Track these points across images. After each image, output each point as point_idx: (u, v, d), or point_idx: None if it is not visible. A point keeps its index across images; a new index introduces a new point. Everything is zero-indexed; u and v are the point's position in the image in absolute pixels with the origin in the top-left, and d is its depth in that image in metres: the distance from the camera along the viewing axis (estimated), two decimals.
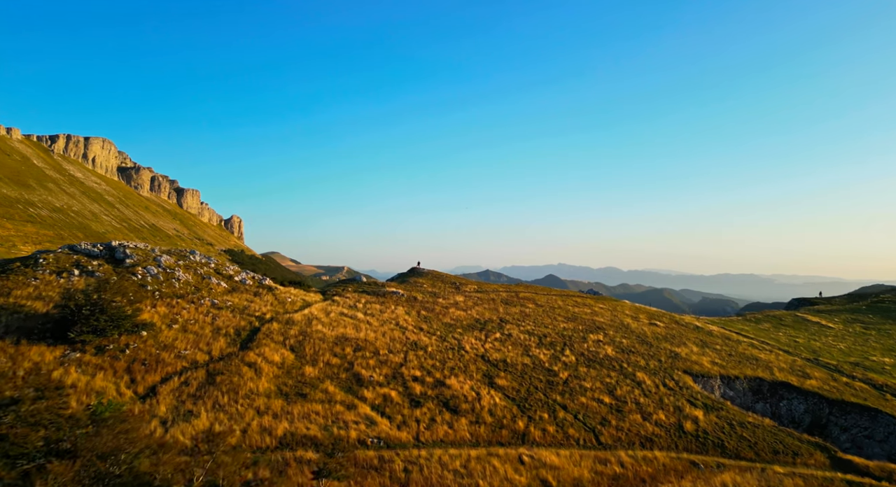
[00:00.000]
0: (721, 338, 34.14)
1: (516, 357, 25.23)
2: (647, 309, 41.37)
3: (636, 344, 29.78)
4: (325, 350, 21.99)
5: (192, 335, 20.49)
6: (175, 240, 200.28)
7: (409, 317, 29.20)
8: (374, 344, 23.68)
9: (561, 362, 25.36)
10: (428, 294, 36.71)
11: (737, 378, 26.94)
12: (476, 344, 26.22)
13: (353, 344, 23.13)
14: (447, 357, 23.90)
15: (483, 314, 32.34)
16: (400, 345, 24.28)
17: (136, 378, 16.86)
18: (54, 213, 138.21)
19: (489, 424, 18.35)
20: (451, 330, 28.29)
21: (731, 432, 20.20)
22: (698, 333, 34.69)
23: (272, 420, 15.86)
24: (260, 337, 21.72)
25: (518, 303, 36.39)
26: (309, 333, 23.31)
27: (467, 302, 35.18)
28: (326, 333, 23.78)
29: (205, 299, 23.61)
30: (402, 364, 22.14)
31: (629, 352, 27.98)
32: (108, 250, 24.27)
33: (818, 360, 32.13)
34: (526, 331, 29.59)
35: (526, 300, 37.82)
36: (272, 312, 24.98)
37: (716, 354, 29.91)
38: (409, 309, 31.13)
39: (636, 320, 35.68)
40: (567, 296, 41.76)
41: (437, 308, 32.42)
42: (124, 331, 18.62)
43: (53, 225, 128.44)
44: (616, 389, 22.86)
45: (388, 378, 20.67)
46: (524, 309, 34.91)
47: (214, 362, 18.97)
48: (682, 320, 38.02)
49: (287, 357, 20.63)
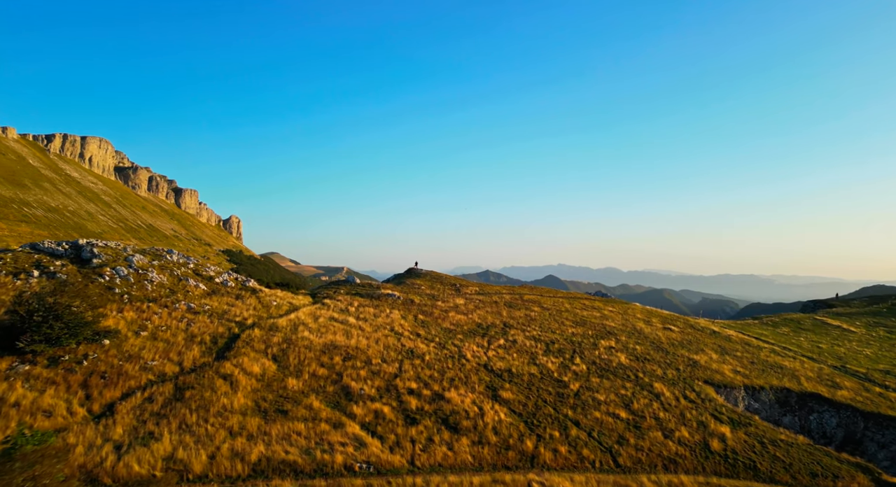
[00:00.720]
0: (741, 344, 32.38)
1: (522, 366, 23.48)
2: (659, 312, 39.61)
3: (651, 350, 28.03)
4: (311, 359, 20.24)
5: (161, 343, 18.73)
6: (172, 240, 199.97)
7: (406, 322, 27.45)
8: (367, 353, 21.93)
9: (571, 371, 23.61)
10: (426, 296, 34.97)
11: (762, 388, 25.18)
12: (478, 352, 24.47)
13: (342, 353, 21.38)
14: (446, 366, 22.15)
15: (485, 318, 30.58)
16: (394, 354, 22.53)
17: (93, 393, 15.11)
18: (49, 213, 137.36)
19: (494, 444, 16.59)
20: (451, 336, 26.55)
21: (763, 451, 18.44)
22: (716, 338, 32.92)
23: (246, 443, 14.10)
24: (239, 346, 19.97)
25: (523, 306, 34.62)
26: (294, 341, 21.55)
27: (468, 305, 33.43)
28: (313, 340, 22.03)
29: (180, 303, 21.85)
30: (396, 374, 20.39)
31: (644, 360, 26.23)
32: (75, 249, 22.52)
33: (846, 368, 30.39)
34: (532, 337, 27.84)
35: (531, 303, 36.05)
36: (254, 317, 23.22)
37: (737, 362, 28.14)
38: (405, 313, 29.38)
39: (649, 324, 33.92)
40: (574, 299, 39.99)
41: (435, 311, 30.66)
42: (83, 340, 16.88)
43: (48, 225, 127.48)
44: (633, 402, 21.10)
45: (381, 391, 18.92)
46: (529, 312, 33.15)
47: (185, 374, 17.21)
48: (697, 324, 36.25)
49: (268, 367, 18.88)
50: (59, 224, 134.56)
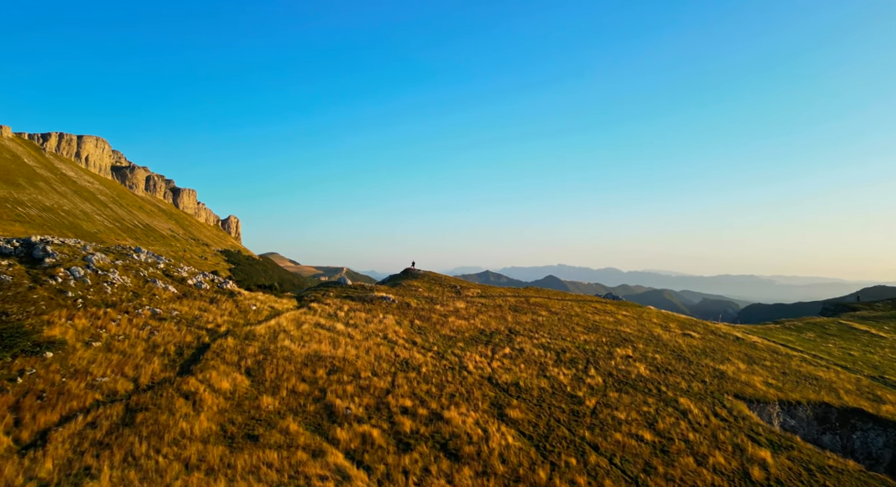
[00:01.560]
0: (768, 352, 30.22)
1: (531, 379, 21.33)
2: (676, 316, 37.44)
3: (672, 360, 25.88)
4: (290, 373, 18.08)
5: (116, 356, 16.57)
6: (169, 240, 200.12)
7: (401, 328, 25.30)
8: (355, 365, 19.77)
9: (586, 385, 21.46)
10: (423, 299, 32.81)
11: (798, 403, 23.03)
12: (481, 363, 22.32)
13: (327, 365, 19.23)
14: (446, 379, 20.00)
15: (489, 324, 28.42)
16: (387, 365, 20.37)
17: (24, 418, 12.94)
18: (44, 213, 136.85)
19: (501, 475, 14.44)
20: (451, 344, 24.40)
21: (812, 481, 16.30)
22: (740, 346, 30.77)
23: (204, 480, 11.92)
24: (208, 357, 17.82)
25: (529, 310, 32.46)
26: (272, 351, 19.39)
27: (469, 309, 31.26)
28: (295, 351, 19.87)
29: (144, 308, 19.69)
30: (388, 390, 18.24)
31: (666, 371, 24.07)
32: (26, 247, 20.37)
33: (884, 378, 28.24)
34: (541, 345, 25.69)
35: (538, 306, 33.88)
36: (229, 324, 21.06)
37: (767, 372, 25.99)
38: (400, 318, 27.22)
39: (667, 330, 31.76)
40: (585, 302, 37.83)
41: (433, 316, 28.50)
42: (20, 353, 14.73)
43: (42, 224, 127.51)
44: (658, 421, 18.94)
45: (370, 409, 16.77)
46: (536, 317, 30.99)
47: (140, 392, 15.05)
48: (718, 330, 34.09)
49: (240, 383, 16.73)
50: (53, 223, 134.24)
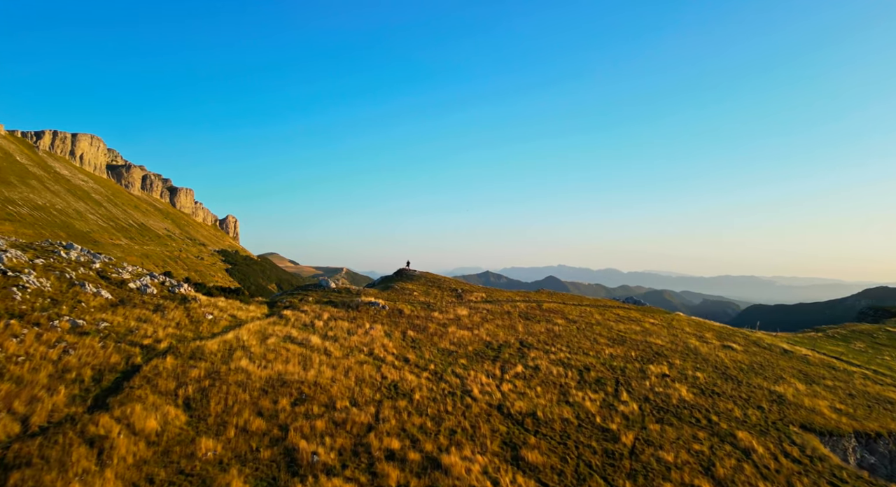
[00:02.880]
0: (824, 368, 26.55)
1: (551, 406, 17.65)
2: (710, 324, 33.76)
3: (718, 379, 22.21)
4: (243, 404, 14.39)
5: (7, 385, 12.87)
6: (165, 239, 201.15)
7: (390, 342, 21.60)
8: (329, 391, 16.09)
9: (619, 414, 17.78)
10: (419, 305, 29.11)
11: (878, 435, 19.35)
12: (489, 386, 18.65)
13: (293, 392, 15.54)
14: (444, 409, 16.33)
15: (496, 335, 24.73)
16: (371, 391, 16.69)
17: None
18: (35, 211, 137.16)
19: None
20: (452, 361, 20.72)
21: None
22: (791, 360, 27.09)
23: None
24: (134, 385, 14.13)
25: (542, 318, 28.76)
26: (223, 374, 15.69)
27: (473, 316, 27.56)
28: (253, 373, 16.18)
29: (62, 319, 16.00)
30: (370, 426, 14.57)
31: (713, 395, 20.40)
32: None
33: None
34: (559, 362, 22.01)
35: (552, 313, 30.20)
36: (173, 339, 17.36)
37: (832, 395, 22.32)
38: (390, 329, 23.54)
39: (703, 341, 28.07)
40: (605, 308, 34.12)
41: (430, 326, 24.82)
42: None
43: (34, 223, 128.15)
44: (715, 464, 15.27)
45: (346, 455, 13.10)
46: (552, 326, 27.30)
47: (27, 439, 11.36)
48: (761, 340, 30.39)
49: (173, 420, 13.03)
50: (45, 222, 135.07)
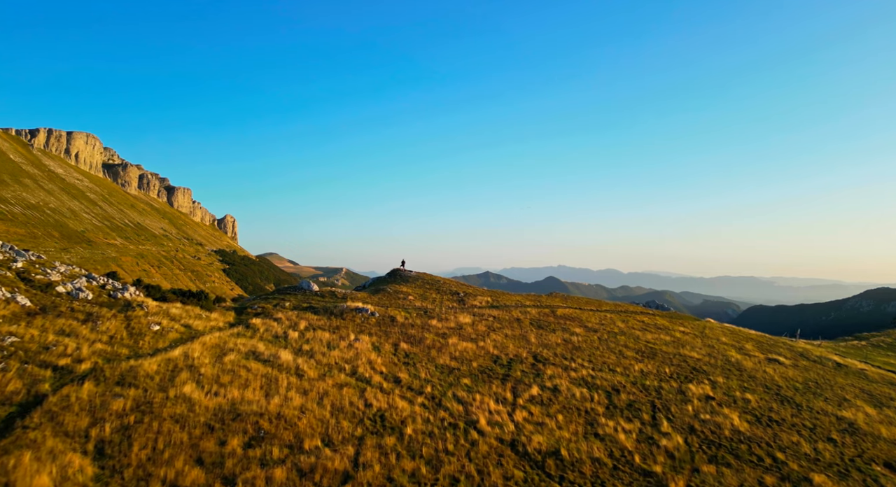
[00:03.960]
0: (887, 385, 23.30)
1: (577, 441, 14.38)
2: (746, 333, 30.46)
3: (773, 403, 18.94)
4: (179, 447, 11.09)
5: None
6: (161, 239, 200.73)
7: (379, 357, 18.30)
8: (296, 426, 12.79)
9: (662, 451, 14.50)
10: (415, 311, 25.80)
11: None
12: (498, 414, 15.38)
13: (248, 428, 12.24)
14: (444, 448, 13.05)
15: (505, 347, 21.43)
16: (350, 424, 13.40)
17: None
18: (28, 210, 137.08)
19: None
20: (453, 381, 17.44)
21: None
22: (847, 376, 23.81)
23: None
24: (31, 423, 10.82)
25: (558, 326, 25.45)
26: (158, 405, 12.39)
27: (478, 325, 24.24)
28: (199, 402, 12.88)
29: None
30: (347, 475, 11.32)
31: (772, 423, 17.13)
32: None
33: None
34: (582, 381, 18.73)
35: (568, 320, 26.88)
36: (100, 357, 14.06)
37: None
38: (380, 341, 20.24)
39: (744, 353, 24.78)
40: (628, 313, 30.80)
41: (427, 337, 21.52)
42: None
43: (26, 222, 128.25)
44: None
45: None
46: (569, 336, 24.00)
47: None
48: (808, 352, 27.07)
49: (75, 475, 9.77)
50: (37, 222, 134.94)
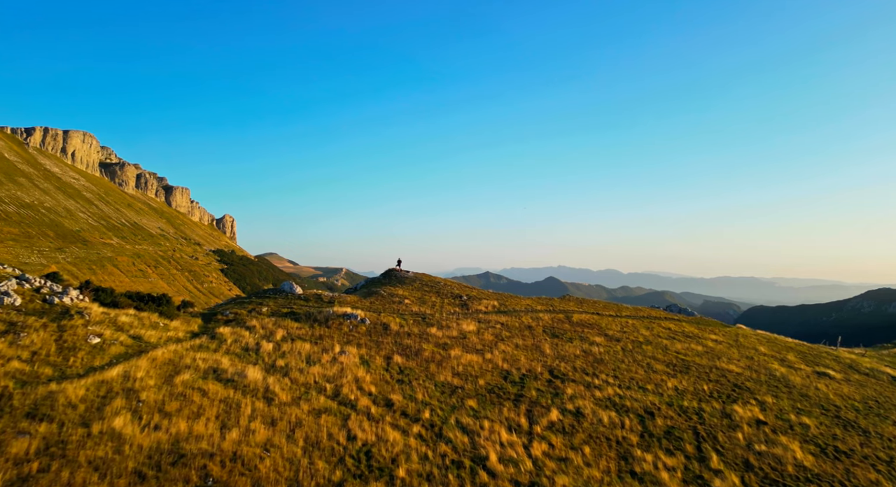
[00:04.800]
0: None
1: (610, 483, 11.65)
2: (783, 340, 27.72)
3: (835, 428, 16.22)
4: None
5: None
6: (158, 239, 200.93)
7: (368, 374, 15.58)
8: (257, 469, 10.07)
9: None
10: (412, 317, 23.06)
11: None
12: (512, 446, 12.66)
13: (192, 474, 9.53)
14: None
15: (517, 360, 18.68)
16: (327, 465, 10.69)
17: None
18: (22, 209, 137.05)
19: None
20: (456, 403, 14.73)
21: None
22: None
23: None
24: None
25: (575, 335, 22.69)
26: (74, 445, 9.67)
27: (484, 333, 21.49)
28: (131, 440, 10.15)
29: None
30: None
31: (838, 454, 14.42)
32: None
33: None
34: (609, 402, 16.00)
35: (586, 327, 24.13)
36: (12, 379, 11.35)
37: None
38: (369, 353, 17.51)
39: (788, 366, 22.04)
40: (650, 319, 28.01)
41: (426, 348, 18.78)
42: None
43: (20, 222, 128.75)
44: None
45: None
46: (589, 346, 21.24)
47: None
48: (857, 364, 24.31)
49: None
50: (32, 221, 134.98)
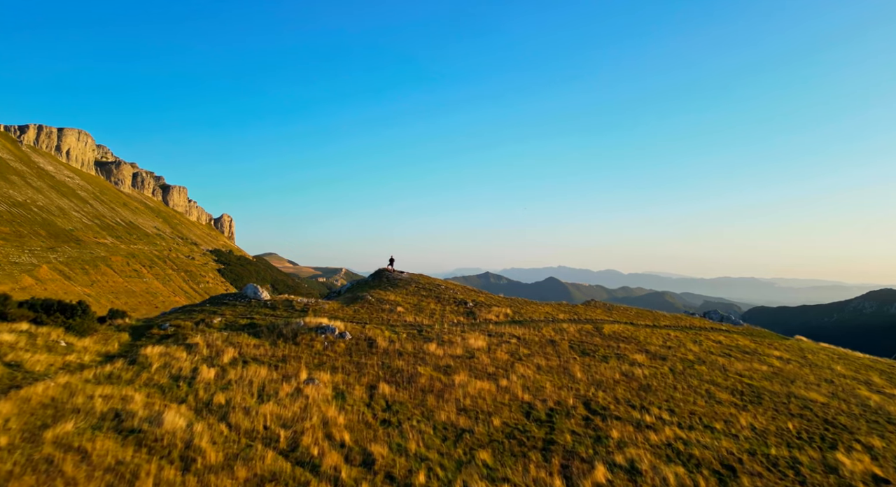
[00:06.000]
0: None
1: None
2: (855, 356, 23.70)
3: None
4: None
5: None
6: (154, 238, 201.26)
7: (342, 413, 11.47)
8: None
9: None
10: (404, 330, 18.94)
11: None
12: None
13: None
14: None
15: (540, 388, 14.53)
16: None
17: None
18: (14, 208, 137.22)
19: None
20: (462, 456, 10.62)
21: None
22: None
23: None
24: None
25: (609, 351, 18.56)
26: None
27: (496, 351, 17.37)
28: None
29: None
30: None
31: None
32: None
33: None
34: (670, 449, 11.89)
35: (621, 341, 20.04)
36: None
37: None
38: (347, 381, 13.41)
39: (876, 389, 17.94)
40: (694, 330, 23.88)
41: (422, 372, 14.65)
42: None
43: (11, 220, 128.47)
44: None
45: None
46: (628, 366, 17.11)
47: None
48: None
49: None
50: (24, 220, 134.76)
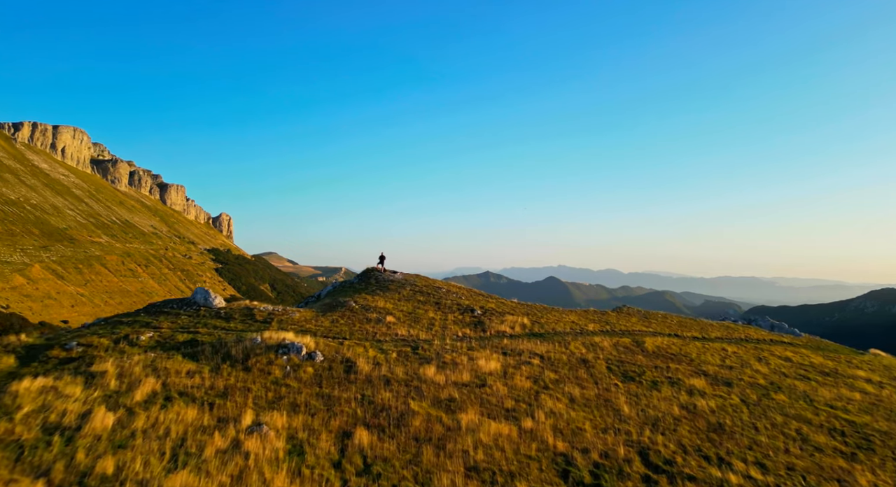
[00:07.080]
0: None
1: None
2: None
3: None
4: None
5: None
6: (150, 237, 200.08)
7: (295, 484, 7.64)
8: None
9: None
10: (395, 347, 15.16)
11: None
12: None
13: None
14: None
15: (577, 429, 10.74)
16: None
17: None
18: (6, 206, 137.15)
19: None
20: None
21: None
22: None
23: None
24: None
25: (658, 374, 14.79)
26: None
27: (515, 375, 13.55)
28: None
29: None
30: None
31: None
32: None
33: None
34: None
35: (669, 359, 16.30)
36: None
37: None
38: (309, 426, 9.63)
39: None
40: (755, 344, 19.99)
41: (416, 411, 10.87)
42: None
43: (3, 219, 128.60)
44: None
45: None
46: (687, 396, 13.33)
47: None
48: None
49: None
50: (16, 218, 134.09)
